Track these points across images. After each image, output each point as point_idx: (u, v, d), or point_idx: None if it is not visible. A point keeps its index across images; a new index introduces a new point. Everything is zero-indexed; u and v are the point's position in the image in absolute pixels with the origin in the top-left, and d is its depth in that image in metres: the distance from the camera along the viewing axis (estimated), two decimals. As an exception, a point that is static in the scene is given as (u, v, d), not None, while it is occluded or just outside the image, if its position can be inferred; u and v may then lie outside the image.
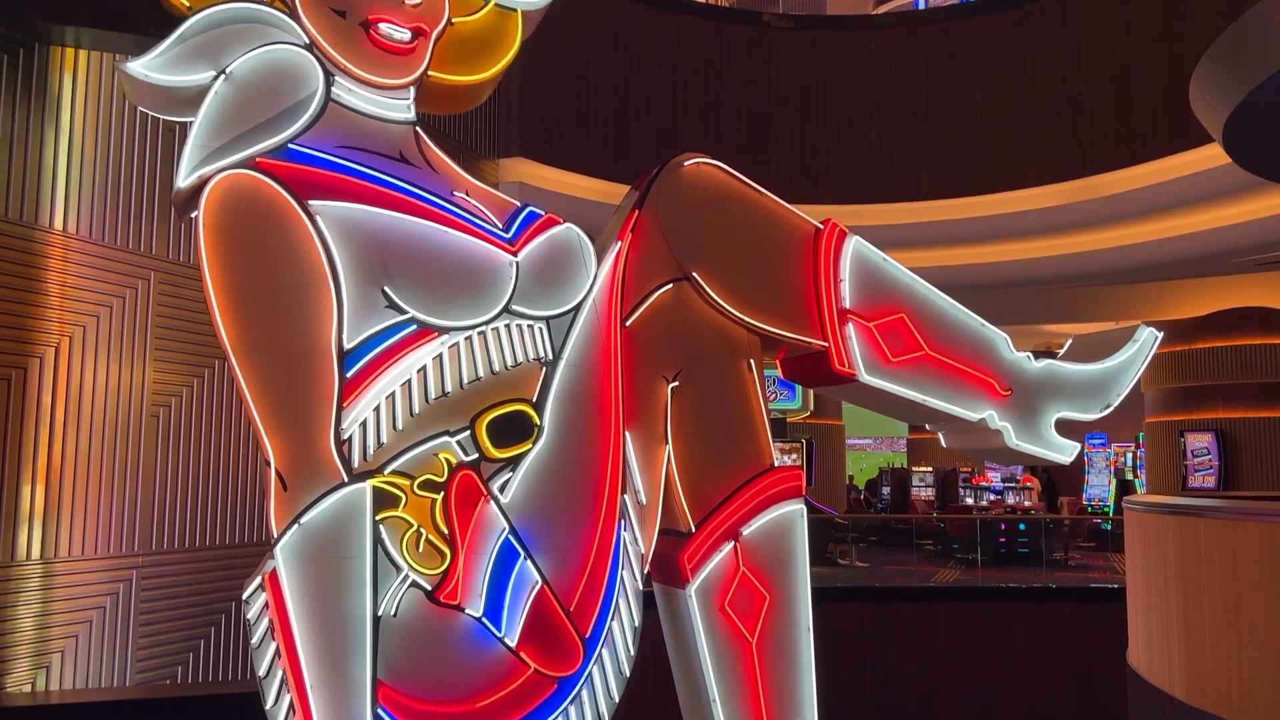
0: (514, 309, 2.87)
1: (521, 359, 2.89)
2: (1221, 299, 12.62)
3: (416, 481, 2.65)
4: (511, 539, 2.76)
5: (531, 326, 2.93)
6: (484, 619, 2.70)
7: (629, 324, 3.10)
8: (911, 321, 3.46)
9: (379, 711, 2.56)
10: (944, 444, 3.88)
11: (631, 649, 3.00)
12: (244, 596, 2.58)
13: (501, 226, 2.95)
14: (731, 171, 3.34)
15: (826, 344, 3.33)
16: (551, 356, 2.95)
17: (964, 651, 9.84)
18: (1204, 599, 5.38)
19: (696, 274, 3.19)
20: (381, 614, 2.59)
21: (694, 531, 3.09)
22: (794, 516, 3.26)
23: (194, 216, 2.62)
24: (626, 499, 3.03)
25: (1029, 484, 17.75)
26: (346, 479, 2.57)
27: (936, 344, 3.48)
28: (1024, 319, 14.04)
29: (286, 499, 2.55)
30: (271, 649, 2.56)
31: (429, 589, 2.64)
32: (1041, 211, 10.00)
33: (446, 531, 2.65)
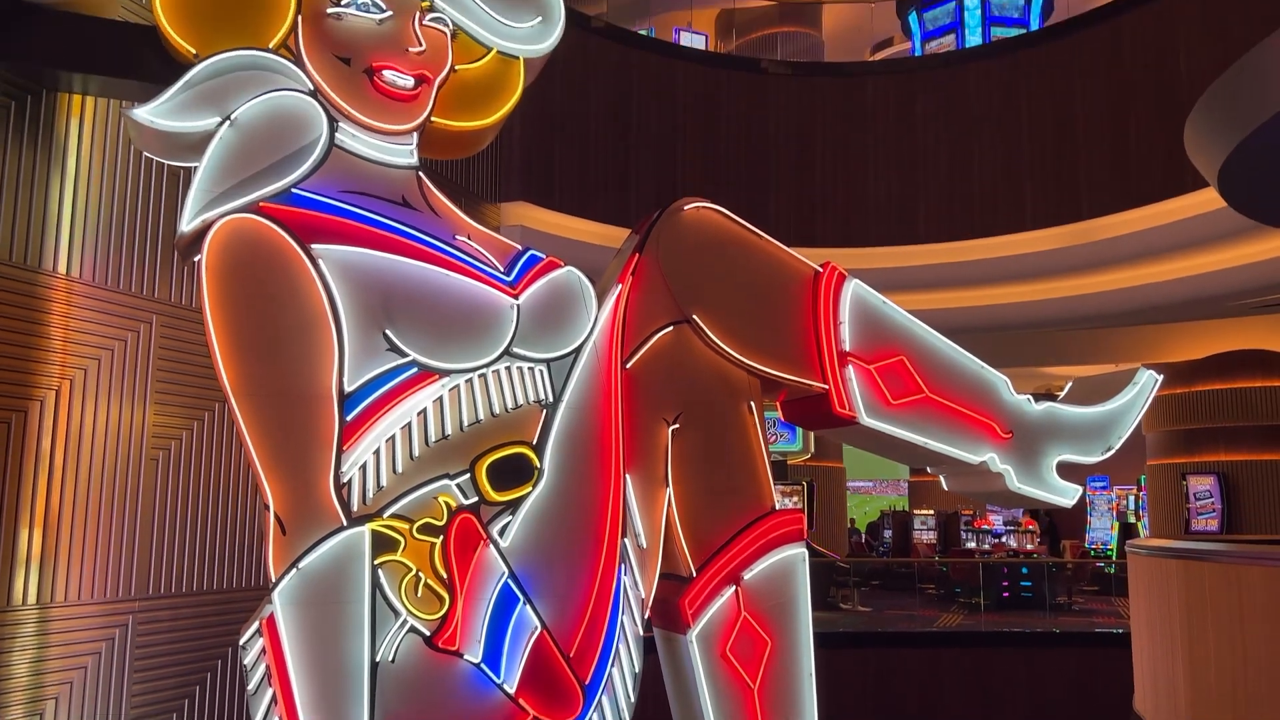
0: (515, 351, 2.88)
1: (522, 401, 2.90)
2: (1221, 342, 12.64)
3: (416, 525, 2.64)
4: (511, 583, 2.74)
5: (532, 369, 2.93)
6: (483, 665, 2.67)
7: (629, 366, 3.11)
8: (911, 364, 3.47)
9: (376, 759, 2.53)
10: (945, 487, 3.87)
11: (632, 695, 2.97)
12: (241, 642, 2.56)
13: (503, 269, 2.97)
14: (731, 215, 3.36)
15: (827, 386, 3.33)
16: (552, 399, 2.95)
17: (968, 698, 9.72)
18: (1209, 644, 5.33)
19: (697, 316, 3.20)
20: (379, 660, 2.57)
21: (695, 576, 3.07)
22: (796, 560, 3.24)
23: (197, 260, 2.64)
24: (627, 543, 3.01)
25: (1031, 527, 17.65)
26: (346, 523, 2.56)
27: (937, 386, 3.48)
28: (1023, 361, 14.05)
29: (285, 543, 2.54)
30: (268, 695, 2.53)
31: (427, 634, 2.62)
32: (1039, 255, 10.05)
33: (445, 576, 2.63)
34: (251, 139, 2.71)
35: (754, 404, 3.29)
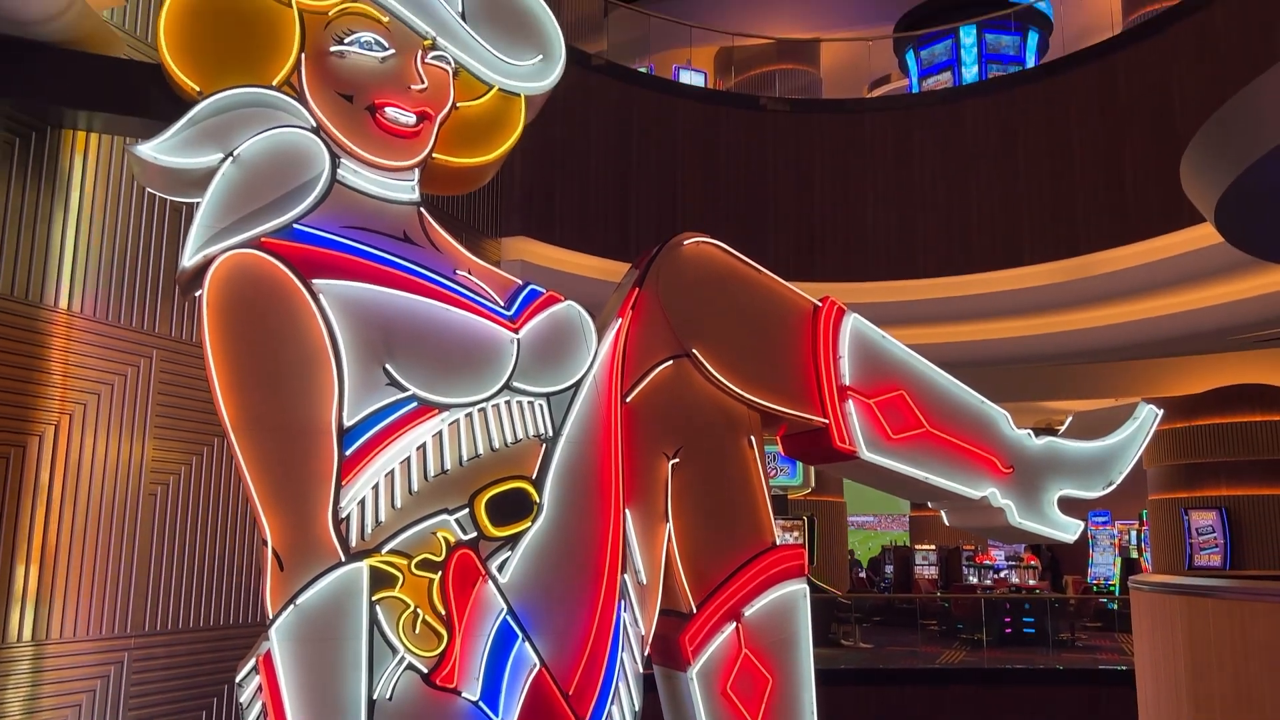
0: (515, 385, 2.87)
1: (521, 436, 2.89)
2: (1220, 376, 12.65)
3: (414, 561, 2.62)
4: (509, 620, 2.72)
5: (532, 403, 2.93)
6: (481, 703, 2.64)
7: (629, 400, 3.11)
8: (911, 398, 3.47)
9: (372, 799, 2.49)
10: (947, 522, 3.85)
11: (632, 733, 2.93)
12: (237, 679, 2.54)
13: (503, 304, 2.97)
14: (730, 250, 3.37)
15: (827, 421, 3.33)
16: (551, 433, 2.94)
17: (972, 736, 9.62)
18: (1213, 681, 5.28)
19: (696, 350, 3.20)
20: (377, 697, 2.54)
21: (695, 612, 3.05)
22: (797, 596, 3.22)
23: (198, 295, 2.65)
24: (627, 579, 2.99)
25: (1032, 562, 17.56)
26: (344, 558, 2.55)
27: (937, 421, 3.48)
28: (1023, 396, 14.05)
29: (283, 579, 2.52)
30: (264, 734, 2.50)
31: (425, 671, 2.59)
32: (1038, 289, 10.08)
33: (444, 612, 2.62)
34: (254, 175, 2.73)
35: (754, 438, 3.29)
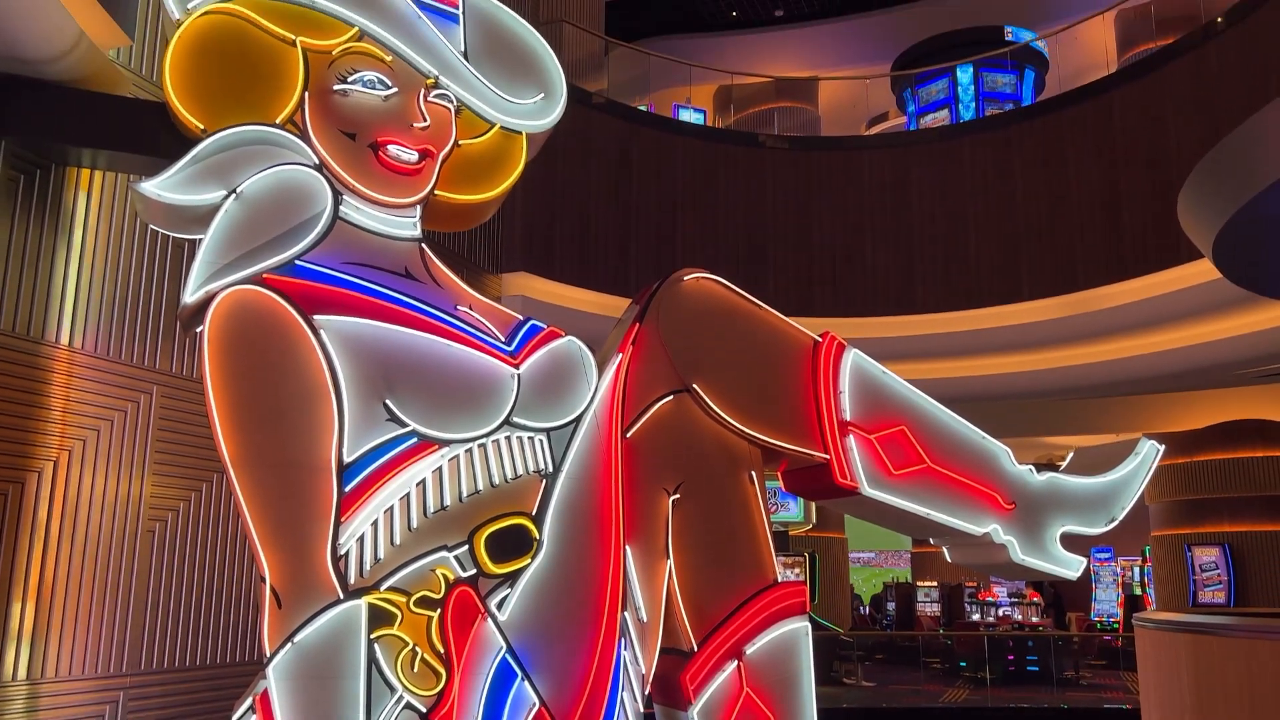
0: (515, 421, 2.87)
1: (521, 471, 2.88)
2: (1221, 411, 12.63)
3: (413, 598, 2.61)
4: (509, 658, 2.69)
5: (532, 438, 2.92)
6: (480, 742, 2.62)
7: (630, 436, 3.10)
8: (913, 434, 3.46)
9: (369, 842, 2.46)
10: (949, 559, 3.82)
11: (632, 774, 2.90)
12: (234, 718, 2.51)
13: (504, 339, 2.98)
14: (730, 285, 3.39)
15: (828, 456, 3.32)
16: (552, 469, 2.93)
17: (976, 777, 9.50)
18: (1221, 720, 5.22)
19: (697, 385, 3.20)
20: (374, 737, 2.51)
21: (696, 650, 3.02)
22: (799, 634, 3.19)
23: (199, 331, 2.65)
24: (627, 616, 2.97)
25: (1035, 599, 17.43)
26: (342, 596, 2.53)
27: (938, 457, 3.47)
28: (1023, 431, 14.02)
29: (281, 616, 2.50)
30: (260, 775, 2.47)
31: (423, 710, 2.56)
32: (1037, 324, 10.11)
33: (442, 650, 2.59)
34: (256, 212, 2.74)
35: (755, 474, 3.28)
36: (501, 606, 2.74)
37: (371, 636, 2.53)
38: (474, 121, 3.21)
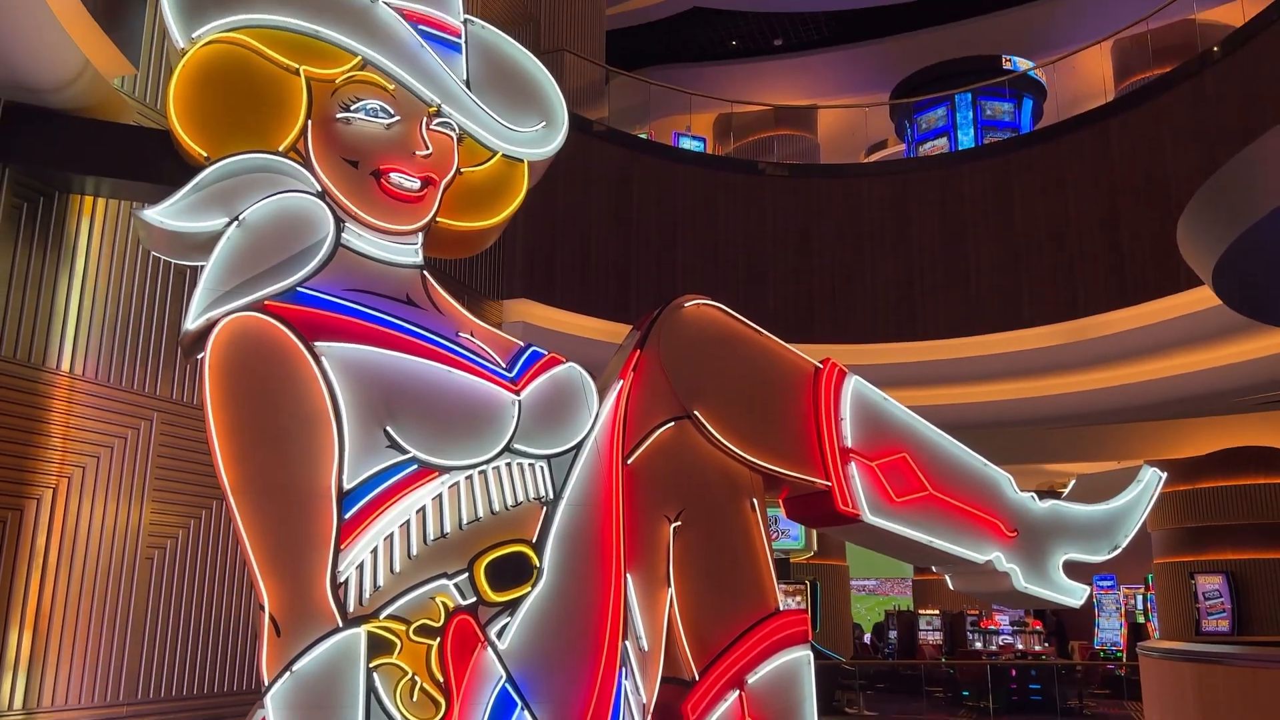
0: (516, 448, 2.86)
1: (522, 498, 2.87)
2: (1223, 438, 12.60)
3: (412, 627, 2.59)
4: (509, 688, 2.67)
5: (533, 465, 2.92)
6: (479, 773, 2.59)
7: (631, 462, 3.09)
8: (914, 461, 3.45)
9: None
10: (951, 586, 3.80)
11: (633, 805, 2.87)
12: (231, 749, 2.49)
13: (505, 366, 2.98)
14: (731, 312, 3.39)
15: (829, 483, 3.31)
16: (552, 496, 2.92)
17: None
18: (1228, 751, 5.18)
19: (698, 412, 3.20)
20: (373, 767, 2.49)
21: (697, 679, 3.00)
22: (801, 663, 3.16)
23: (200, 357, 2.65)
24: (628, 645, 2.95)
25: (1037, 628, 17.30)
26: (341, 624, 2.51)
27: (940, 484, 3.46)
28: (1025, 458, 13.98)
29: (280, 644, 2.48)
30: (257, 806, 2.45)
31: (423, 740, 2.54)
32: (1037, 351, 10.10)
33: (442, 679, 2.57)
34: (258, 239, 2.75)
35: (756, 501, 3.27)
36: (501, 635, 2.72)
37: (370, 665, 2.51)
38: (476, 149, 3.22)
